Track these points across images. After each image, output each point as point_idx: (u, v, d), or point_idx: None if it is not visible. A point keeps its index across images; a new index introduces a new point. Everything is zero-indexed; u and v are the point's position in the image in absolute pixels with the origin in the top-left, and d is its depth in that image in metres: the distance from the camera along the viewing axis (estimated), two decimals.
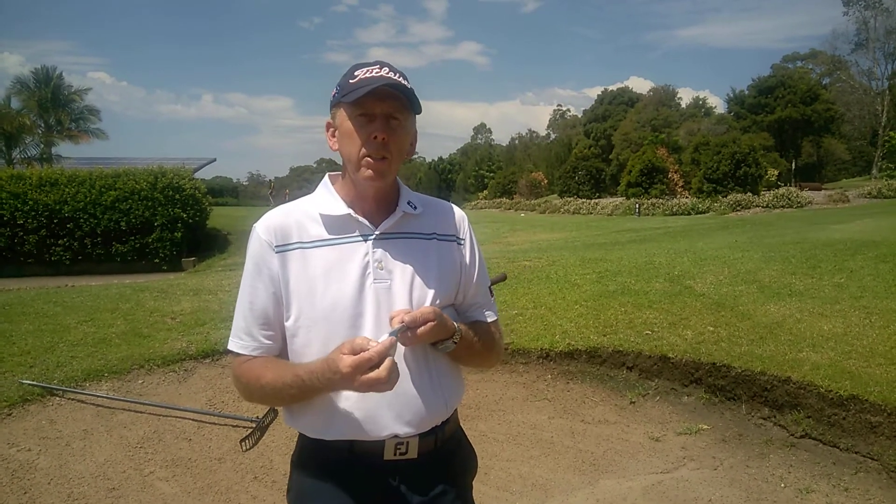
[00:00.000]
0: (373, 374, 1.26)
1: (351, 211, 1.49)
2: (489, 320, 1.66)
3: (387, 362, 1.27)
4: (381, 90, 1.40)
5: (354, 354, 1.27)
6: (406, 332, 1.36)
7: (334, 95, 1.49)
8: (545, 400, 4.76)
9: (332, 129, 1.52)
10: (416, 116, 1.53)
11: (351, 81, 1.44)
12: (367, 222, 1.49)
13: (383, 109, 1.42)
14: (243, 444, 4.00)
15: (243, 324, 1.50)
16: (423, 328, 1.38)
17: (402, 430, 1.45)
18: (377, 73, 1.43)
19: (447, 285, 1.55)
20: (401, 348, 1.42)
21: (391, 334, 1.32)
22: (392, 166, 1.47)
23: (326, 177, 1.60)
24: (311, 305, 1.45)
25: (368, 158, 1.43)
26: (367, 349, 1.27)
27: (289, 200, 1.61)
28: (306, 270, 1.46)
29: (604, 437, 4.24)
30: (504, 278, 3.36)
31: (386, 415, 1.44)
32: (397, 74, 1.45)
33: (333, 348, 1.40)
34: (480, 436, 4.25)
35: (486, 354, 1.63)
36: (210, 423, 4.40)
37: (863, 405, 3.73)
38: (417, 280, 1.50)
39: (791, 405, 4.05)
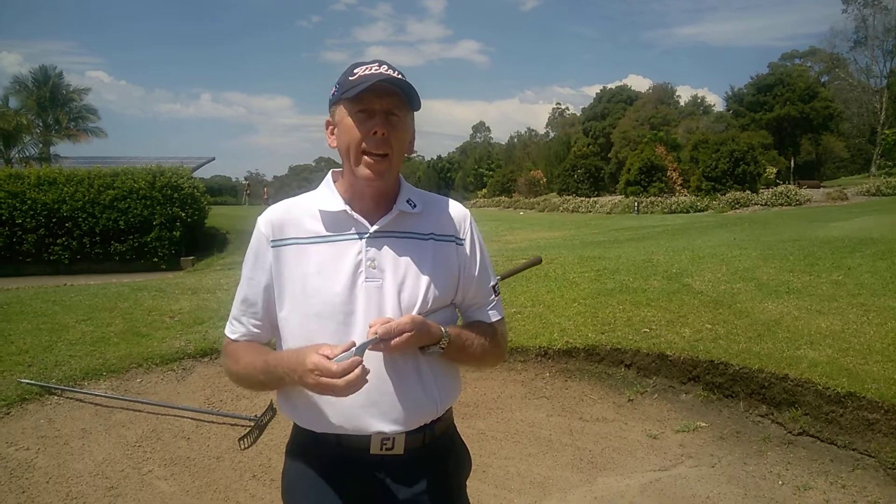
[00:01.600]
0: (329, 381, 1.29)
1: (347, 208, 1.50)
2: (492, 320, 1.65)
3: (350, 376, 1.28)
4: (380, 86, 1.41)
5: (324, 354, 1.31)
6: (379, 343, 1.36)
7: (333, 93, 1.50)
8: (543, 398, 4.76)
9: (331, 127, 1.53)
10: (416, 115, 1.54)
11: (350, 79, 1.44)
12: (363, 220, 1.50)
13: (383, 105, 1.43)
14: (242, 442, 4.00)
15: (237, 311, 1.59)
16: (397, 339, 1.37)
17: (388, 427, 1.47)
18: (376, 70, 1.44)
19: (441, 287, 1.54)
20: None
21: (360, 348, 1.32)
22: (392, 164, 1.47)
23: (329, 173, 1.61)
24: (303, 301, 1.47)
25: (367, 157, 1.44)
26: (331, 355, 1.30)
27: (269, 200, 1.64)
28: (300, 266, 1.48)
29: (602, 434, 4.25)
30: (539, 261, 3.30)
31: (372, 412, 1.45)
32: (396, 72, 1.46)
33: (323, 344, 1.43)
34: (479, 434, 4.25)
35: (483, 356, 1.61)
36: (208, 421, 4.40)
37: (860, 402, 3.73)
38: (409, 280, 1.50)
39: (789, 402, 4.05)
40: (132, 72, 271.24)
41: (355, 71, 1.46)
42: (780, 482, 3.55)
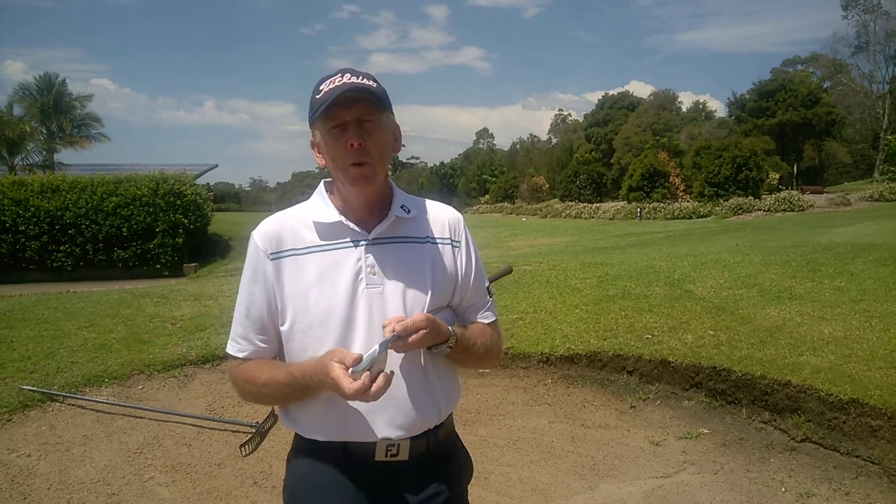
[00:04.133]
0: (360, 388, 1.28)
1: (342, 218, 1.50)
2: (487, 322, 1.66)
3: (379, 380, 1.30)
4: (345, 97, 1.40)
5: (345, 364, 1.31)
6: (397, 340, 1.37)
7: (309, 114, 1.50)
8: (545, 404, 4.75)
9: (316, 147, 1.53)
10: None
11: (317, 97, 1.44)
12: (359, 228, 1.50)
13: (353, 115, 1.42)
14: (243, 449, 3.99)
15: (240, 329, 1.55)
16: (414, 336, 1.38)
17: (394, 433, 1.47)
18: (340, 81, 1.43)
19: (441, 289, 1.55)
20: (395, 354, 1.43)
21: (381, 345, 1.32)
22: (377, 168, 1.47)
23: (322, 183, 1.61)
24: (304, 311, 1.47)
25: (351, 167, 1.44)
26: (346, 363, 1.31)
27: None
28: (300, 277, 1.48)
29: (604, 441, 4.24)
30: (509, 271, 3.30)
31: (378, 419, 1.46)
32: (360, 77, 1.45)
33: (337, 350, 1.43)
34: (480, 440, 4.24)
35: (483, 356, 1.63)
36: (210, 428, 4.40)
37: (863, 409, 3.72)
38: (410, 284, 1.50)
39: (791, 409, 4.04)
40: (136, 79, 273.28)
41: (321, 87, 1.44)
42: (782, 489, 3.54)
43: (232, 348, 1.56)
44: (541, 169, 71.37)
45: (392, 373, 1.34)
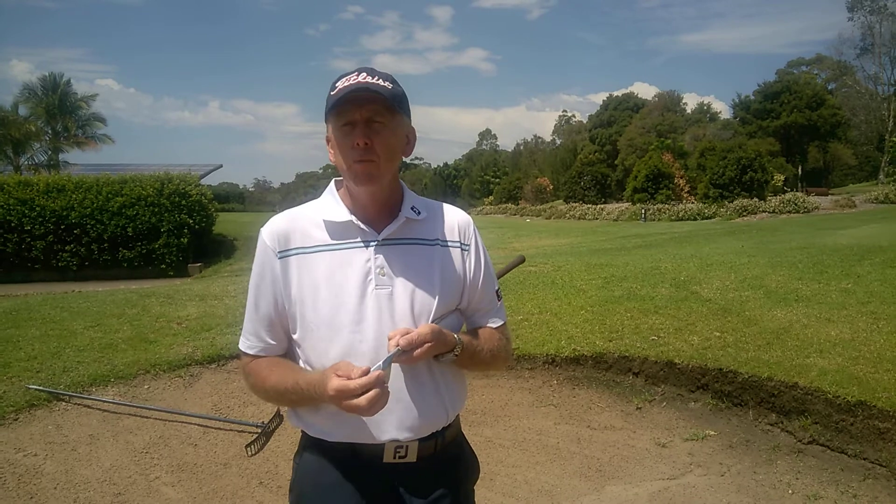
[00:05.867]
0: (354, 402, 1.28)
1: (353, 217, 1.49)
2: (495, 326, 1.65)
3: (370, 394, 1.28)
4: (356, 96, 1.40)
5: (343, 376, 1.30)
6: (402, 354, 1.37)
7: (325, 110, 1.50)
8: (551, 405, 4.74)
9: (329, 142, 1.53)
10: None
11: (332, 94, 1.44)
12: (369, 228, 1.50)
13: (362, 115, 1.42)
14: (249, 449, 4.00)
15: (250, 326, 1.56)
16: (419, 350, 1.38)
17: (403, 434, 1.47)
18: (355, 80, 1.43)
19: (450, 291, 1.55)
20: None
21: (385, 361, 1.32)
22: (382, 168, 1.46)
23: (332, 182, 1.61)
24: (312, 310, 1.47)
25: (355, 164, 1.44)
26: (352, 376, 1.29)
27: None
28: (308, 275, 1.47)
29: (610, 442, 4.22)
30: (522, 261, 3.32)
31: (387, 420, 1.45)
32: (376, 77, 1.44)
33: (335, 353, 1.43)
34: (486, 441, 4.24)
35: (491, 361, 1.62)
36: (215, 428, 4.40)
37: (870, 411, 3.70)
38: (419, 286, 1.50)
39: (798, 411, 4.02)
40: (141, 80, 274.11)
41: (337, 84, 1.44)
42: (789, 491, 3.52)
43: (243, 344, 1.57)
44: (545, 170, 71.42)
45: (388, 391, 1.33)
